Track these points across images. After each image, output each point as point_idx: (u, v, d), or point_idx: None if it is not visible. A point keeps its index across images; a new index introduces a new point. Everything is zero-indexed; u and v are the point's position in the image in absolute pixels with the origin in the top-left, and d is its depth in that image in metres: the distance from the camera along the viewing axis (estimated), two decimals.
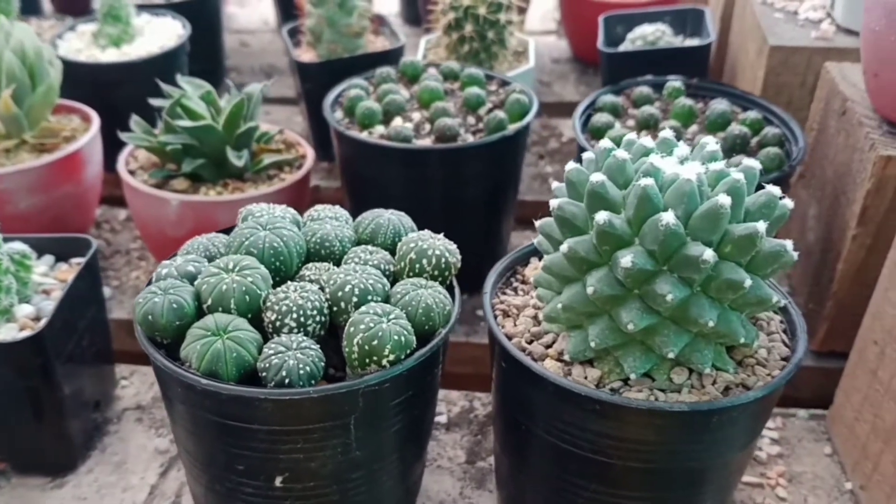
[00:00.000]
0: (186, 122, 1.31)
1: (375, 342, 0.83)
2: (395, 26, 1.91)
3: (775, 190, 0.81)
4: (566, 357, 0.89)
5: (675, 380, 0.85)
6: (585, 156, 0.88)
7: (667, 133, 0.88)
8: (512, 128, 1.36)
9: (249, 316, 0.87)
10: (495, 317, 0.96)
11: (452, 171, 1.35)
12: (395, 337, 0.84)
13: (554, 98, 2.15)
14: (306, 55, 1.81)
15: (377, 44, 1.87)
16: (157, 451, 1.18)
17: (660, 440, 0.85)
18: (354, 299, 0.87)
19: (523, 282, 1.04)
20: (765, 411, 0.91)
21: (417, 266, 0.93)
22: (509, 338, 0.93)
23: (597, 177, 0.80)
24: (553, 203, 0.85)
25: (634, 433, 0.85)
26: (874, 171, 1.18)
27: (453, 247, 0.97)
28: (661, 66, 1.65)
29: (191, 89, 1.39)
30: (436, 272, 0.94)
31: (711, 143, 0.87)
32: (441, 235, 0.98)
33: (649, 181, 0.78)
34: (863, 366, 1.15)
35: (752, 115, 1.37)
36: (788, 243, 0.81)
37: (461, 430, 1.23)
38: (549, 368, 0.88)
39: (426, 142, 1.36)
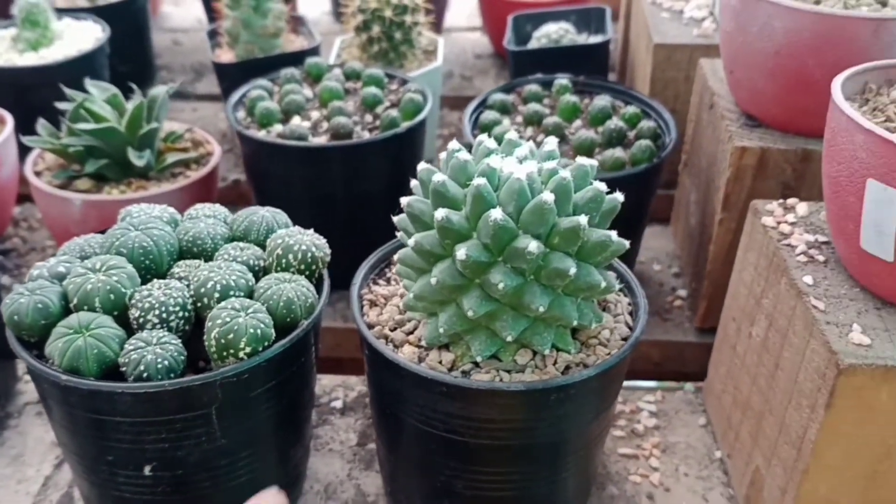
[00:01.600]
0: (87, 125, 1.32)
1: (231, 335, 0.85)
2: (316, 26, 1.92)
3: (601, 185, 0.85)
4: (423, 343, 0.92)
5: (519, 361, 0.89)
6: (441, 155, 0.91)
7: (511, 135, 0.92)
8: (404, 125, 1.38)
9: (116, 314, 0.89)
10: (362, 307, 0.99)
11: (349, 168, 1.36)
12: (252, 330, 0.85)
13: (474, 92, 2.16)
14: (226, 55, 1.82)
15: (296, 44, 1.88)
16: (53, 443, 1.18)
17: (504, 418, 0.89)
18: (216, 295, 0.89)
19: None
20: (607, 386, 0.94)
21: (284, 261, 0.95)
22: (371, 326, 0.95)
23: (438, 177, 0.84)
24: (403, 201, 0.88)
25: (480, 412, 0.88)
26: (732, 161, 1.21)
27: (321, 241, 0.98)
28: (564, 63, 1.67)
29: (97, 92, 1.39)
30: (302, 266, 0.95)
31: (550, 143, 0.91)
32: (311, 231, 0.99)
33: (482, 181, 0.81)
34: (725, 342, 1.19)
35: (632, 109, 1.39)
36: (613, 234, 0.85)
37: (356, 415, 1.25)
38: (406, 354, 0.91)
39: (322, 140, 1.37)
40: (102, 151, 1.35)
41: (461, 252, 0.81)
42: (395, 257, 0.93)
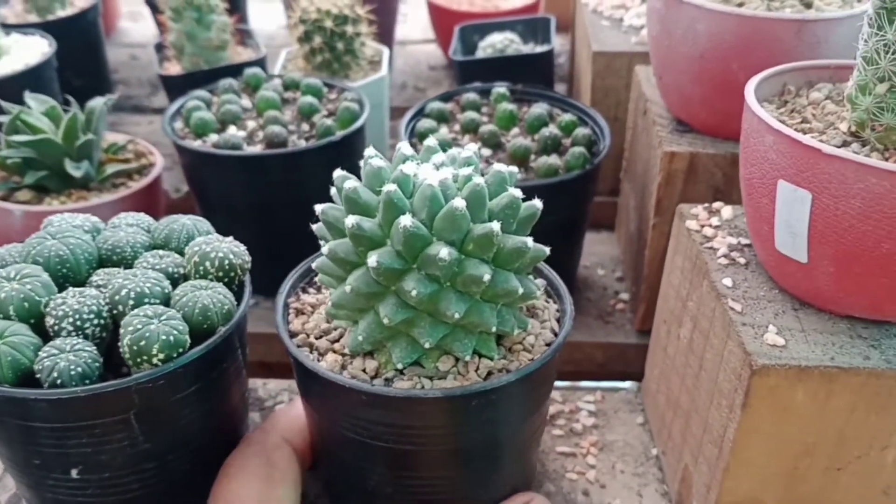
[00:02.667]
0: (23, 137, 1.29)
1: (143, 342, 0.82)
2: (272, 39, 1.90)
3: (516, 192, 0.82)
4: (346, 350, 0.89)
5: (441, 367, 0.86)
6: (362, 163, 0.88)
7: (430, 142, 0.89)
8: (339, 134, 1.35)
9: (32, 322, 0.86)
10: (287, 315, 0.96)
11: (286, 176, 1.34)
12: (164, 337, 0.83)
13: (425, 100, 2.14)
14: (174, 68, 1.80)
15: (244, 56, 1.85)
16: None
17: (425, 424, 0.86)
18: (131, 302, 0.86)
19: None
20: (532, 391, 0.91)
21: (202, 268, 0.93)
22: (295, 335, 0.93)
23: (350, 183, 0.82)
24: (318, 208, 0.85)
25: (401, 420, 0.86)
26: (662, 166, 1.19)
27: (240, 248, 0.96)
28: (509, 72, 1.65)
29: (35, 105, 1.37)
30: (220, 273, 0.93)
31: (468, 150, 0.88)
32: (230, 238, 0.97)
33: (392, 187, 0.79)
34: (658, 343, 1.17)
35: (568, 117, 1.37)
36: (529, 240, 0.82)
37: None
38: (329, 362, 0.88)
39: (257, 148, 1.35)
40: (40, 163, 1.32)
41: (373, 259, 0.79)
42: (314, 265, 0.90)
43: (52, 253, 0.90)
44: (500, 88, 1.45)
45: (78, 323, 0.85)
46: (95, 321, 0.86)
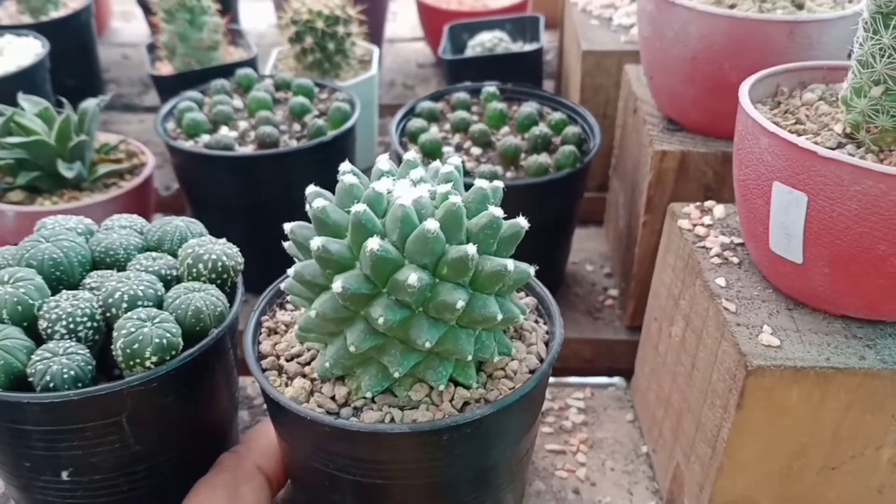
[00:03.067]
0: (16, 139, 1.27)
1: (136, 345, 0.81)
2: (262, 38, 1.88)
3: (497, 211, 0.75)
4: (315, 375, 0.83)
5: (413, 397, 0.79)
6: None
7: (410, 155, 0.83)
8: (331, 134, 1.34)
9: (25, 325, 0.85)
10: (258, 335, 0.90)
11: (277, 176, 1.32)
12: (157, 340, 0.81)
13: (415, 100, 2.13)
14: (166, 68, 1.78)
15: (235, 56, 1.84)
16: None
17: (394, 458, 0.79)
18: (124, 305, 0.85)
19: None
20: (511, 422, 0.83)
21: (195, 270, 0.91)
22: (263, 356, 0.87)
23: (319, 202, 0.76)
24: (287, 227, 0.80)
25: (367, 454, 0.79)
26: (653, 164, 1.18)
27: (233, 250, 0.94)
28: (498, 71, 1.64)
29: (29, 106, 1.34)
30: (213, 275, 0.91)
31: (450, 164, 0.82)
32: (223, 240, 0.95)
33: (361, 207, 0.73)
34: (648, 341, 1.16)
35: (558, 115, 1.36)
36: (509, 263, 0.75)
37: None
38: (296, 388, 0.82)
39: (249, 149, 1.33)
40: (33, 164, 1.30)
41: (338, 284, 0.72)
42: (283, 287, 0.83)
43: (45, 256, 0.89)
44: (490, 87, 1.44)
45: (71, 326, 0.83)
46: (89, 324, 0.84)
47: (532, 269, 0.79)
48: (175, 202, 1.73)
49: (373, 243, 0.71)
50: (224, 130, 1.36)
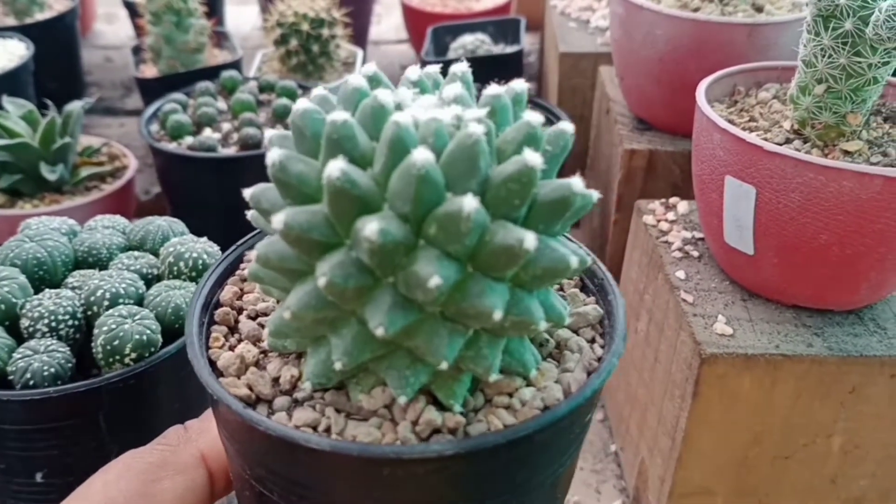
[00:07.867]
0: (0, 141, 1.31)
1: (117, 342, 0.84)
2: (246, 41, 1.92)
3: (532, 158, 0.46)
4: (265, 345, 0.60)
5: (365, 404, 0.54)
6: (317, 91, 0.55)
7: (460, 67, 0.61)
8: None
9: (7, 324, 0.88)
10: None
11: (260, 177, 1.33)
12: (137, 336, 0.84)
13: None
14: (151, 71, 1.82)
15: (220, 58, 1.88)
16: None
17: (316, 482, 0.54)
18: (106, 303, 0.88)
19: None
20: (489, 474, 0.53)
21: (176, 268, 0.95)
22: (220, 306, 0.64)
23: (340, 115, 0.49)
24: (246, 193, 0.55)
25: (283, 468, 0.55)
26: (623, 163, 1.23)
27: (214, 249, 0.98)
28: (480, 73, 1.65)
29: (13, 109, 1.39)
30: (194, 273, 0.95)
31: (454, 87, 0.56)
32: (204, 239, 0.99)
33: (403, 117, 0.48)
34: None
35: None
36: (529, 237, 0.46)
37: None
38: (235, 355, 0.59)
39: (232, 150, 1.38)
40: (16, 167, 1.35)
41: (370, 228, 0.45)
42: (248, 272, 0.58)
43: (30, 255, 0.92)
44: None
45: (53, 324, 0.86)
46: (70, 322, 0.87)
47: (575, 259, 0.49)
48: (155, 207, 1.75)
49: (420, 156, 0.46)
50: (207, 132, 1.41)
